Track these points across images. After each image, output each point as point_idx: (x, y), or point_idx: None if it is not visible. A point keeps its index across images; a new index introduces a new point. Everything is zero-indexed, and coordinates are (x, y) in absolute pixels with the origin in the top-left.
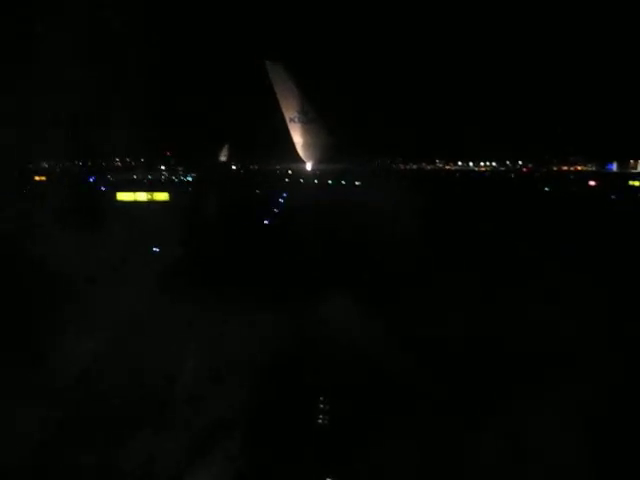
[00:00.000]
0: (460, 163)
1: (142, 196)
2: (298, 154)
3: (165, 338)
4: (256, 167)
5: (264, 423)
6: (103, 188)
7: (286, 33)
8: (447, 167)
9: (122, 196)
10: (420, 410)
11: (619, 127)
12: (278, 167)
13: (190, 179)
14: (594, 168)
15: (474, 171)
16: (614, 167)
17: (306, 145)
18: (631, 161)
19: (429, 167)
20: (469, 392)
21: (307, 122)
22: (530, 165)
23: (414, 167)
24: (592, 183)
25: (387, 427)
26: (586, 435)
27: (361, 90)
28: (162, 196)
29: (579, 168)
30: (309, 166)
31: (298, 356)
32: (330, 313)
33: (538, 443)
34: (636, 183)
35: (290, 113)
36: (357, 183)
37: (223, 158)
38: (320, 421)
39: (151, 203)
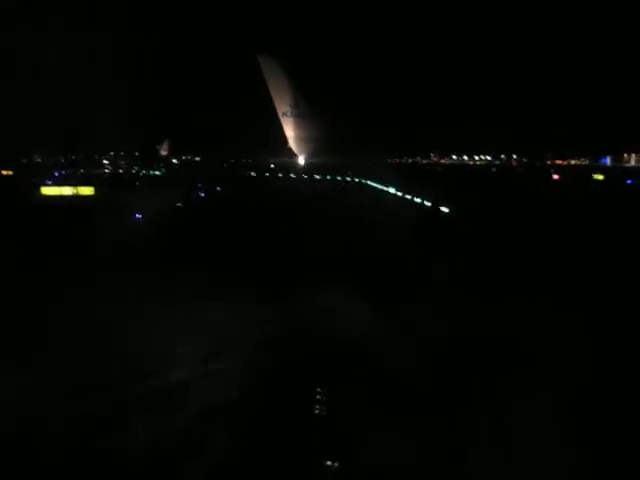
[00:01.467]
0: (455, 157)
1: (67, 190)
2: (290, 148)
3: None
4: (249, 161)
5: (261, 413)
6: (49, 182)
7: (279, 27)
8: (442, 161)
9: (47, 190)
10: (418, 404)
11: (613, 121)
12: (270, 161)
13: (158, 173)
14: (587, 162)
15: (459, 165)
16: (608, 161)
17: (298, 139)
18: (624, 155)
19: (424, 161)
20: (466, 387)
21: (299, 116)
22: (525, 159)
23: (409, 161)
24: (555, 177)
25: (383, 418)
26: (583, 435)
27: (354, 84)
28: (87, 190)
29: (573, 162)
30: (301, 160)
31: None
32: None
33: (535, 442)
34: (600, 177)
35: (282, 107)
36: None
37: (163, 152)
38: (317, 412)
39: (74, 198)
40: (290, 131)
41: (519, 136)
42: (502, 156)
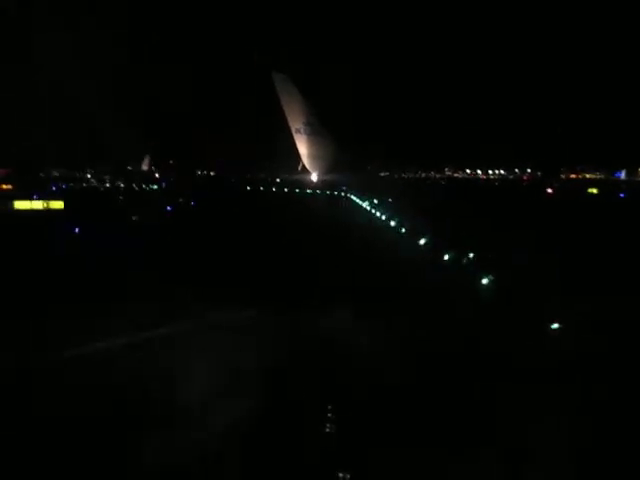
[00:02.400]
0: (469, 171)
1: (38, 204)
2: (304, 165)
3: None
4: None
5: (269, 431)
6: (35, 196)
7: (293, 44)
8: (455, 175)
9: (19, 204)
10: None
11: (628, 135)
12: (282, 177)
13: (155, 187)
14: (602, 176)
15: (467, 179)
16: (622, 175)
17: (311, 156)
18: (639, 169)
19: (438, 175)
20: (474, 402)
21: (312, 133)
22: (539, 173)
23: (423, 176)
24: (549, 191)
25: (394, 437)
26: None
27: (367, 101)
28: (57, 204)
29: (587, 176)
30: (314, 177)
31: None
32: None
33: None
34: (594, 191)
35: (296, 124)
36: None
37: (145, 167)
38: (328, 430)
39: (45, 211)
40: (303, 149)
41: (534, 150)
42: (516, 170)
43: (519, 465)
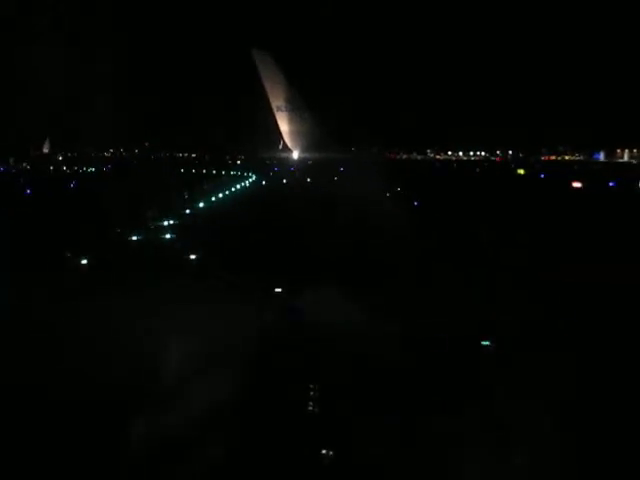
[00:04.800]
0: (450, 152)
1: None
2: (285, 143)
3: None
4: (242, 157)
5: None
6: None
7: (273, 21)
8: (437, 157)
9: None
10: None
11: (606, 117)
12: (264, 156)
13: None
14: (582, 157)
15: (437, 160)
16: (601, 156)
17: (293, 133)
18: (617, 150)
19: (419, 157)
20: (464, 387)
21: (293, 110)
22: (520, 155)
23: (404, 157)
24: (477, 170)
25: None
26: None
27: (350, 78)
28: None
29: (567, 158)
30: (296, 154)
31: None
32: None
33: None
34: (521, 172)
35: (277, 101)
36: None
37: (46, 150)
38: (310, 409)
39: None
40: (284, 125)
41: (516, 132)
42: (498, 152)
43: None
